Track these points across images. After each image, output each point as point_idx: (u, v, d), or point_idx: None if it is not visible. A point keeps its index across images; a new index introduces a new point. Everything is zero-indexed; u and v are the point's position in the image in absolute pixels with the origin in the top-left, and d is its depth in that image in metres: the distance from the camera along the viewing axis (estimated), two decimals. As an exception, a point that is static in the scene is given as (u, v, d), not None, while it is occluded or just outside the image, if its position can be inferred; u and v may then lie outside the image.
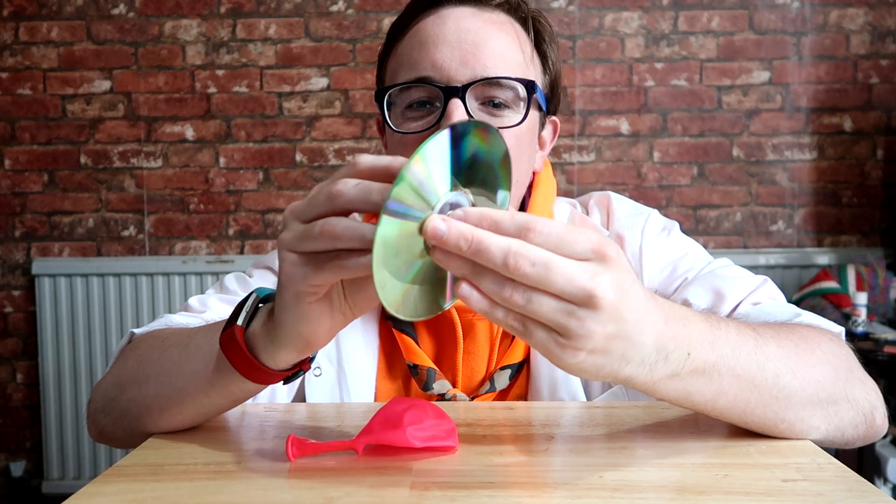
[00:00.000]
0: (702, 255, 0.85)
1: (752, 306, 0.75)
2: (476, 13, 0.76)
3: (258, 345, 0.55)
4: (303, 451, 0.55)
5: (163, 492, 0.49)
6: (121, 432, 0.69)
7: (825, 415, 0.59)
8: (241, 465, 0.54)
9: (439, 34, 0.74)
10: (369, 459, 0.54)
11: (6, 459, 2.69)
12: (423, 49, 0.74)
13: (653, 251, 0.83)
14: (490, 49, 0.74)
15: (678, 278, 0.81)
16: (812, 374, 0.58)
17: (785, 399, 0.56)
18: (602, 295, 0.43)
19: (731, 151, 2.63)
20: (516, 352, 0.81)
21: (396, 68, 0.78)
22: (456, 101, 0.72)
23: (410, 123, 0.76)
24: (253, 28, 2.61)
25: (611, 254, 0.44)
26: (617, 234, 0.85)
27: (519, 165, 0.77)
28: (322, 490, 0.49)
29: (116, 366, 0.72)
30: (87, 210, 2.65)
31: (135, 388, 0.65)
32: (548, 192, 0.86)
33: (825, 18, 2.60)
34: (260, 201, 2.65)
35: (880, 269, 2.49)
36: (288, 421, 0.66)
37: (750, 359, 0.55)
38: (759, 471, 0.52)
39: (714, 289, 0.76)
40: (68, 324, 2.59)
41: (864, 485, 0.49)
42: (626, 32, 2.61)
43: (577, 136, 2.62)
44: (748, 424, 0.57)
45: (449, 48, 0.74)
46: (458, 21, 0.75)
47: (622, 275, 0.45)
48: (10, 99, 2.62)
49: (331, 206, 0.48)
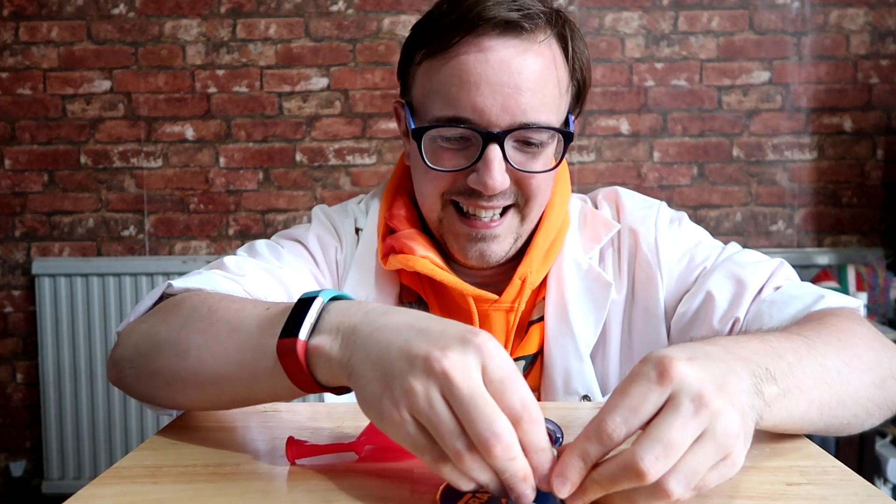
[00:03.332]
0: (713, 241, 0.87)
1: (774, 290, 0.76)
2: (518, 49, 0.74)
3: (318, 364, 0.51)
4: (302, 452, 0.54)
5: (161, 494, 0.49)
6: (144, 390, 0.66)
7: (881, 396, 0.61)
8: (239, 467, 0.54)
9: (481, 74, 0.73)
10: (369, 462, 0.54)
11: (6, 459, 2.69)
12: (464, 88, 0.74)
13: (668, 243, 0.84)
14: (529, 94, 0.74)
15: (697, 267, 0.82)
16: (862, 363, 0.60)
17: (854, 393, 0.58)
18: (711, 426, 0.43)
19: (731, 151, 2.63)
20: (531, 343, 0.82)
21: (432, 97, 0.77)
22: (494, 147, 0.73)
23: (444, 156, 0.77)
24: (253, 28, 2.61)
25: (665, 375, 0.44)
26: (630, 228, 0.86)
27: (547, 193, 0.82)
28: (321, 493, 0.49)
29: (154, 319, 0.67)
30: (87, 210, 2.65)
31: (172, 354, 0.62)
32: (564, 190, 0.88)
33: (825, 18, 2.60)
34: (260, 201, 2.64)
35: (880, 269, 2.48)
36: (287, 422, 0.65)
37: (813, 361, 0.56)
38: (762, 474, 0.51)
39: (735, 276, 0.78)
40: (68, 324, 2.59)
41: (868, 488, 0.49)
42: (626, 32, 2.61)
43: (577, 136, 2.62)
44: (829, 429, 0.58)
45: (490, 91, 0.73)
46: (500, 62, 0.73)
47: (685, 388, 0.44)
48: (10, 99, 2.61)
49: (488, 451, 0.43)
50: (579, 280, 0.84)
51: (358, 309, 0.52)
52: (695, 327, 0.79)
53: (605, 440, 0.43)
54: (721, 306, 0.77)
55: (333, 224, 0.90)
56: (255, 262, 0.81)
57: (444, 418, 0.43)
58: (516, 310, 0.82)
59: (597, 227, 0.87)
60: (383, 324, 0.49)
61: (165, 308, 0.68)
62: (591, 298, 0.83)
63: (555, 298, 0.83)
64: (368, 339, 0.48)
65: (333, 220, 0.91)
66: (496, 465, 0.42)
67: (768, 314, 0.73)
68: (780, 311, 0.73)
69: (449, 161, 0.77)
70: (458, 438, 0.43)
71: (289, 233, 0.91)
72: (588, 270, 0.84)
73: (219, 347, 0.59)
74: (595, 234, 0.87)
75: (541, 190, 0.79)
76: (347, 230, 0.90)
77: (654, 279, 0.83)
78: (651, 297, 0.83)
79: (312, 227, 0.90)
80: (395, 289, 0.86)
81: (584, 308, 0.82)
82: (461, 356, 0.44)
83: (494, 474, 0.43)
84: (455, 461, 0.43)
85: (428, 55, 0.77)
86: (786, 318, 0.71)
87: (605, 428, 0.43)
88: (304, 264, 0.86)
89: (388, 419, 0.45)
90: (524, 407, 0.43)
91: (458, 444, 0.43)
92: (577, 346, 0.81)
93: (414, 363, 0.44)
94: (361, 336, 0.49)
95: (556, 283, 0.84)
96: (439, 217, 0.81)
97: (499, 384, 0.43)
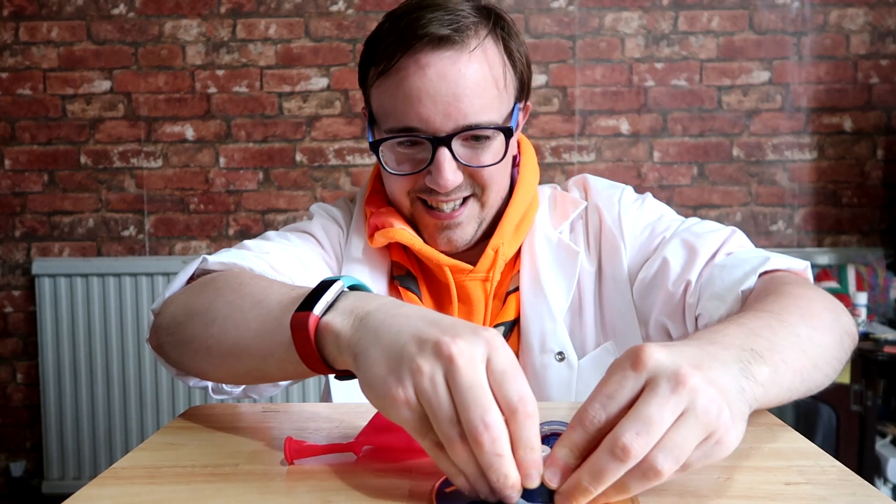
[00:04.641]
0: (675, 216, 0.93)
1: (726, 256, 0.83)
2: (452, 59, 0.81)
3: (327, 340, 0.53)
4: (301, 453, 0.54)
5: (159, 495, 0.49)
6: (177, 357, 0.70)
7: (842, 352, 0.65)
8: (238, 468, 0.54)
9: (422, 88, 0.80)
10: (368, 462, 0.54)
11: (6, 459, 2.69)
12: (408, 103, 0.81)
13: (630, 217, 0.91)
14: (468, 99, 0.81)
15: (657, 237, 0.89)
16: (824, 324, 0.64)
17: (824, 354, 0.61)
18: (692, 404, 0.44)
19: (731, 151, 2.63)
20: (508, 311, 0.89)
21: (385, 113, 0.85)
22: (443, 149, 0.81)
23: (403, 162, 0.85)
24: (253, 28, 2.61)
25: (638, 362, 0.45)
26: (595, 206, 0.93)
27: (502, 179, 0.89)
28: (320, 493, 0.49)
29: (191, 291, 0.72)
30: (87, 210, 2.65)
31: (201, 322, 0.66)
32: (532, 167, 0.94)
33: (825, 18, 2.60)
34: (260, 201, 2.64)
35: (880, 269, 2.48)
36: (286, 422, 0.65)
37: (787, 332, 0.58)
38: (761, 474, 0.51)
39: (688, 244, 0.85)
40: (68, 324, 2.59)
41: (867, 488, 0.49)
42: (626, 32, 2.61)
43: (577, 136, 2.62)
44: (808, 393, 0.60)
45: (432, 103, 0.80)
46: (438, 75, 0.80)
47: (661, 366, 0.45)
48: (10, 99, 2.61)
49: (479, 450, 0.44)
50: (550, 251, 0.91)
51: (375, 298, 0.54)
52: (653, 292, 0.86)
53: (587, 425, 0.44)
54: (675, 270, 0.84)
55: (332, 215, 0.98)
56: (274, 244, 0.88)
57: (444, 403, 0.44)
58: (491, 279, 0.89)
59: (566, 206, 0.95)
60: (397, 313, 0.51)
61: (202, 282, 0.73)
62: (561, 266, 0.90)
63: (528, 269, 0.91)
64: (381, 324, 0.50)
65: (332, 211, 0.98)
66: (483, 460, 0.43)
67: (719, 277, 0.79)
68: (729, 274, 0.78)
69: (407, 165, 0.85)
70: (453, 426, 0.44)
71: (293, 227, 0.97)
72: (558, 243, 0.91)
73: (241, 318, 0.62)
74: (564, 212, 0.94)
75: (493, 179, 0.86)
76: (346, 219, 0.98)
77: (618, 249, 0.90)
78: (616, 266, 0.90)
79: (315, 219, 0.97)
80: (385, 263, 0.93)
81: (555, 275, 0.90)
82: (469, 345, 0.45)
83: (481, 472, 0.44)
84: (447, 448, 0.44)
85: (378, 74, 0.84)
86: (735, 279, 0.76)
87: (584, 415, 0.44)
88: (314, 250, 0.93)
89: (391, 398, 0.46)
90: (520, 400, 0.44)
91: (452, 432, 0.44)
92: (551, 310, 0.88)
93: (424, 346, 0.46)
94: (374, 321, 0.50)
95: (530, 255, 0.91)
96: (410, 212, 0.89)
97: (500, 375, 0.45)
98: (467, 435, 0.43)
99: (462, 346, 0.45)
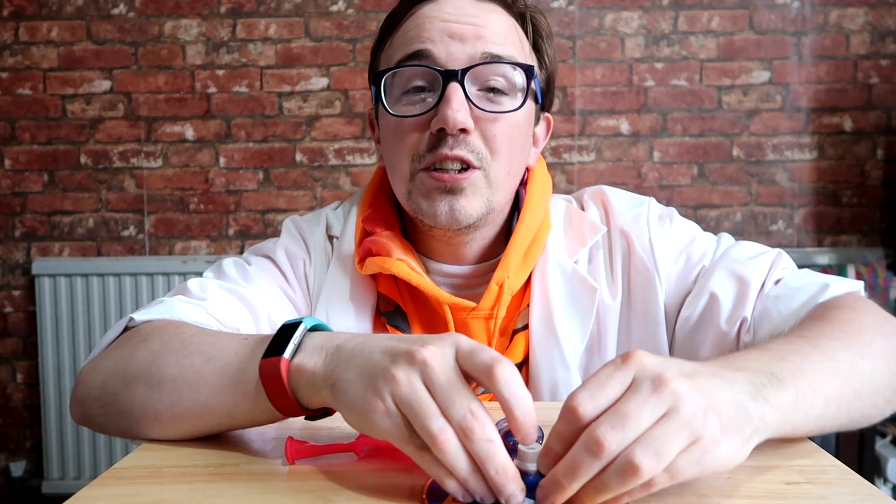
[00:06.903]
0: (706, 236, 0.85)
1: (775, 284, 0.76)
2: (477, 3, 0.76)
3: (301, 381, 0.52)
4: (302, 453, 0.54)
5: (160, 495, 0.49)
6: (114, 427, 0.64)
7: None
8: (239, 468, 0.54)
9: (438, 15, 0.74)
10: (369, 462, 0.54)
11: (6, 459, 2.69)
12: (421, 28, 0.74)
13: (663, 245, 0.81)
14: (491, 28, 0.74)
15: (695, 266, 0.80)
16: (874, 350, 0.59)
17: (870, 381, 0.57)
18: (680, 408, 0.43)
19: (731, 151, 2.63)
20: (516, 351, 0.80)
21: (392, 54, 0.77)
22: (455, 84, 0.71)
23: (407, 108, 0.75)
24: (253, 28, 2.61)
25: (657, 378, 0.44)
26: (620, 230, 0.83)
27: (513, 154, 0.77)
28: (321, 493, 0.49)
29: (118, 354, 0.65)
30: (87, 210, 2.65)
31: (145, 389, 0.60)
32: (543, 188, 0.85)
33: (825, 18, 2.60)
34: (260, 201, 2.64)
35: (880, 269, 2.48)
36: (287, 423, 0.65)
37: (821, 356, 0.55)
38: (761, 473, 0.51)
39: (736, 274, 0.77)
40: (68, 324, 2.59)
41: (867, 487, 0.49)
42: (626, 32, 2.61)
43: (577, 136, 2.62)
44: (851, 423, 0.58)
45: (447, 25, 0.73)
46: (457, 8, 0.74)
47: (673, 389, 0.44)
48: (10, 99, 2.61)
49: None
50: (564, 284, 0.81)
51: (340, 334, 0.55)
52: (701, 330, 0.77)
53: (574, 416, 0.44)
54: (726, 307, 0.75)
55: (303, 235, 0.88)
56: (220, 284, 0.80)
57: (426, 401, 0.45)
58: (496, 317, 0.79)
59: (582, 229, 0.84)
60: (365, 340, 0.52)
61: (129, 342, 0.66)
62: (577, 303, 0.80)
63: (539, 306, 0.80)
64: (352, 352, 0.51)
65: (303, 230, 0.88)
66: (477, 449, 0.43)
67: (775, 309, 0.72)
68: (786, 306, 0.71)
69: (414, 109, 0.75)
70: (437, 418, 0.44)
71: (258, 248, 0.89)
72: (573, 274, 0.81)
73: (195, 377, 0.59)
74: (581, 237, 0.84)
75: (505, 146, 0.76)
76: (317, 240, 0.87)
77: (653, 284, 0.80)
78: (651, 303, 0.80)
79: (281, 240, 0.88)
80: (371, 297, 0.83)
81: (569, 314, 0.80)
82: (439, 347, 0.46)
83: (473, 463, 0.44)
84: (433, 445, 0.44)
85: (386, 32, 0.78)
86: (792, 311, 0.70)
87: (571, 404, 0.44)
88: (272, 280, 0.85)
89: (372, 412, 0.46)
90: (487, 374, 0.45)
91: (436, 425, 0.44)
92: (564, 356, 0.78)
93: (396, 358, 0.47)
94: (346, 352, 0.51)
95: (541, 288, 0.81)
96: (408, 189, 0.78)
97: (468, 356, 0.46)
98: (455, 429, 0.44)
99: (432, 349, 0.46)
